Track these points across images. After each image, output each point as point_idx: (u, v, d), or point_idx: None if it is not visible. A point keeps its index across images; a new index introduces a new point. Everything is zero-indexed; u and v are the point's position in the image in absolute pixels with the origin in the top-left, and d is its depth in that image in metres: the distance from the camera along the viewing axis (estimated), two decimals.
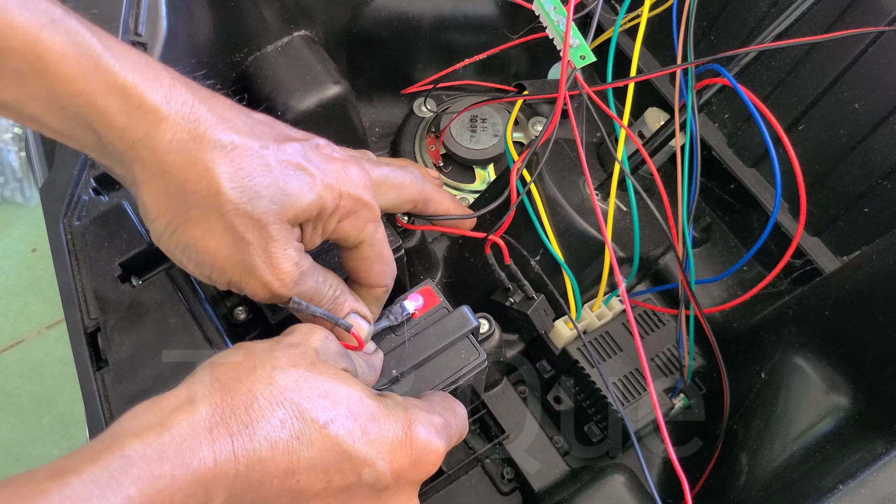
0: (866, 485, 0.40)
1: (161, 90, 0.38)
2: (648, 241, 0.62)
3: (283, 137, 0.43)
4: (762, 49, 0.58)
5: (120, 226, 0.50)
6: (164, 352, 0.48)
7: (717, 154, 0.64)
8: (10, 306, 1.59)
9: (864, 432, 0.50)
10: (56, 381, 1.51)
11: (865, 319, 0.51)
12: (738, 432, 0.58)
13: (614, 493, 0.54)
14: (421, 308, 0.50)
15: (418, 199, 0.51)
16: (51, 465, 0.32)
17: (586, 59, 0.52)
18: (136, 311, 0.49)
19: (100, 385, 0.49)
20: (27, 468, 0.32)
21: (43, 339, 1.55)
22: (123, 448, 0.33)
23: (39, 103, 0.38)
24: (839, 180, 0.58)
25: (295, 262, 0.42)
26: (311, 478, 0.37)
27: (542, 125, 0.73)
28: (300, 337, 0.42)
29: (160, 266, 0.51)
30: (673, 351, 0.63)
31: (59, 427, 1.45)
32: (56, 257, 0.50)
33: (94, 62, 0.37)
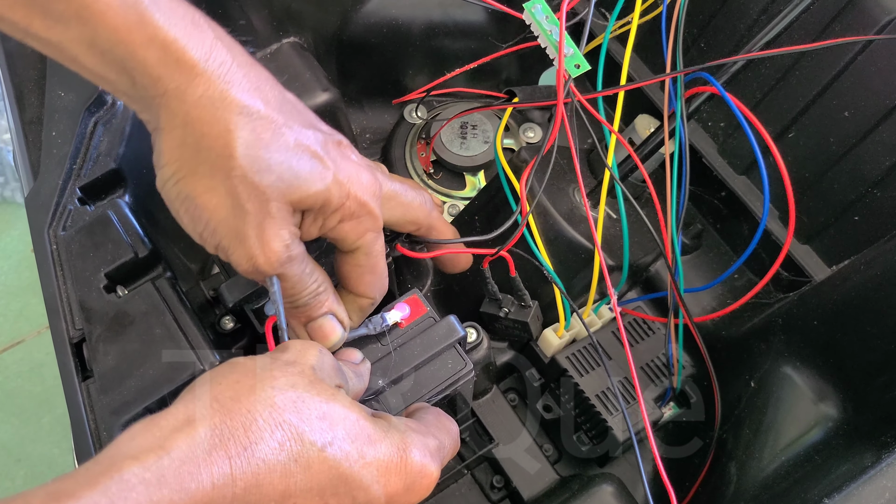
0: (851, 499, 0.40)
1: (202, 48, 0.39)
2: (638, 249, 0.62)
3: (308, 122, 0.43)
4: (750, 58, 0.58)
5: (105, 236, 0.50)
6: (165, 351, 0.48)
7: (708, 161, 0.64)
8: (10, 306, 1.59)
9: (852, 443, 0.50)
10: (56, 381, 1.48)
11: (854, 329, 0.51)
12: (728, 441, 0.57)
13: (603, 503, 0.53)
14: (407, 318, 0.50)
15: (423, 223, 0.51)
16: (48, 487, 0.32)
17: (581, 69, 0.52)
18: (122, 321, 0.49)
19: (85, 396, 0.49)
20: (27, 468, 0.32)
21: (43, 339, 1.56)
22: (122, 472, 0.32)
23: (80, 46, 0.38)
24: (829, 188, 0.58)
25: (286, 244, 0.42)
26: (307, 501, 0.37)
27: (533, 131, 0.73)
28: (296, 354, 0.41)
29: (146, 276, 0.51)
30: (663, 359, 0.63)
31: (59, 427, 1.45)
32: (41, 267, 0.50)
33: (140, 14, 0.38)
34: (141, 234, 0.50)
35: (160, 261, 0.51)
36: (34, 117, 0.56)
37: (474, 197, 0.68)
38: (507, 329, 0.59)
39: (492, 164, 0.71)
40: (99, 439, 0.47)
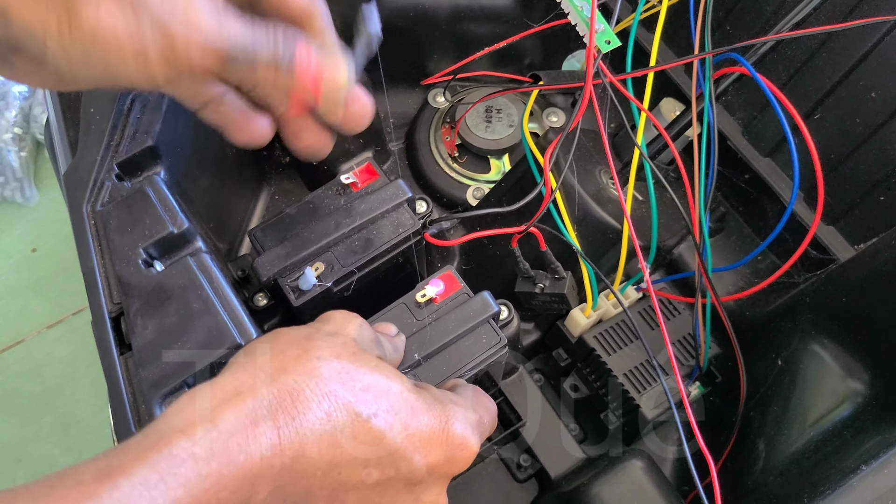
0: (890, 464, 0.41)
1: None
2: (664, 230, 0.62)
3: None
4: (779, 38, 0.58)
5: (143, 210, 0.50)
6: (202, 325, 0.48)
7: (733, 144, 0.65)
8: (10, 306, 1.59)
9: (882, 417, 0.50)
10: (56, 381, 1.51)
11: (883, 305, 0.52)
12: (755, 419, 0.58)
13: (633, 478, 0.54)
14: (442, 293, 0.51)
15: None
16: (98, 462, 0.32)
17: (612, 44, 0.53)
18: (160, 295, 0.49)
19: (123, 370, 0.49)
20: (27, 468, 0.32)
21: (43, 339, 1.56)
22: (171, 446, 0.32)
23: None
24: (855, 169, 0.58)
25: (212, 15, 0.37)
26: (352, 470, 0.37)
27: (556, 116, 0.73)
28: (337, 326, 0.42)
29: (183, 251, 0.51)
30: (689, 339, 0.63)
31: (60, 427, 1.46)
32: (79, 243, 0.50)
33: None
34: (177, 209, 0.51)
35: (197, 236, 0.51)
36: (74, 95, 0.56)
37: (500, 180, 0.68)
38: (544, 304, 0.60)
39: (516, 148, 0.71)
40: (138, 413, 0.48)
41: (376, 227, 0.53)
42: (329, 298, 0.52)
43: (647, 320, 0.63)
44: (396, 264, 0.55)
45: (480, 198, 0.69)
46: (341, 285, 0.52)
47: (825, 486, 0.44)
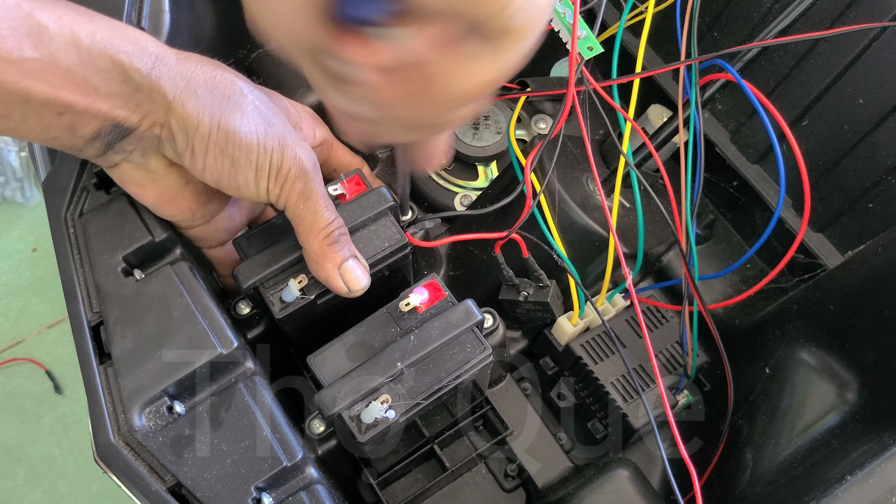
0: (875, 475, 0.40)
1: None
2: (651, 238, 0.62)
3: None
4: (765, 45, 0.58)
5: (123, 219, 0.50)
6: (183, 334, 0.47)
7: (721, 150, 0.64)
8: (10, 306, 1.60)
9: (870, 426, 0.50)
10: (56, 380, 1.52)
11: (871, 313, 0.51)
12: (743, 428, 0.58)
13: (619, 487, 0.53)
14: (426, 302, 0.50)
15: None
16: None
17: (594, 50, 0.52)
18: (139, 304, 0.49)
19: (103, 379, 0.48)
20: (27, 468, 0.32)
21: (43, 339, 1.56)
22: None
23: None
24: (843, 176, 0.58)
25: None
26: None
27: (544, 123, 0.73)
28: None
29: (163, 260, 0.51)
30: (676, 348, 0.63)
31: (60, 427, 1.46)
32: (58, 251, 0.50)
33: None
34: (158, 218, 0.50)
35: (177, 245, 0.51)
36: None
37: (487, 187, 0.68)
38: (528, 313, 0.59)
39: (504, 155, 0.71)
40: (117, 423, 0.47)
41: (361, 238, 0.52)
42: (313, 311, 0.52)
43: (635, 328, 0.62)
44: (382, 277, 0.55)
45: (468, 205, 0.69)
46: (325, 298, 0.52)
47: (810, 497, 0.43)
